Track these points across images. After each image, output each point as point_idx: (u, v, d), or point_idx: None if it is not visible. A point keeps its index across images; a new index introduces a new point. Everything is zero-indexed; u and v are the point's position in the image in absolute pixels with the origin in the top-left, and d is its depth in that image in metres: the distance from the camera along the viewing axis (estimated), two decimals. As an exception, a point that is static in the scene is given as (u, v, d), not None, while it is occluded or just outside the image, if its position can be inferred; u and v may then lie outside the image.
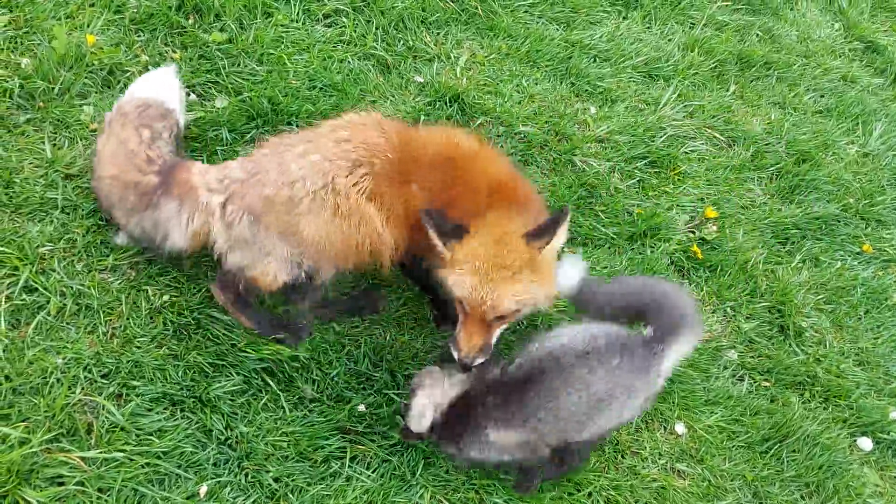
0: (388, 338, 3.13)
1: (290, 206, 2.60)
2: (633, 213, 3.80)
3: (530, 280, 2.54)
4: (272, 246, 2.66)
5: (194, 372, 2.78)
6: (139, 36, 3.54)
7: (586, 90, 4.25)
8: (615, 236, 3.69)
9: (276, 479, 2.66)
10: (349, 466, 2.76)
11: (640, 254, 3.69)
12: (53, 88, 3.23)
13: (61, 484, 2.43)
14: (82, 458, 2.49)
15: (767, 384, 3.52)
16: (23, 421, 2.52)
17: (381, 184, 2.65)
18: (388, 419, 2.88)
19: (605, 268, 3.57)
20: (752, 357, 3.59)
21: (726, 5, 5.25)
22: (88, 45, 3.34)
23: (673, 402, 3.30)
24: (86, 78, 3.32)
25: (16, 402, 2.56)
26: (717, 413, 3.31)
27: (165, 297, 2.91)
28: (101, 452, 2.51)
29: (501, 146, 3.82)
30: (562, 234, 2.56)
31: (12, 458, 2.41)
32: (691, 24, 5.00)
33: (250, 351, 2.87)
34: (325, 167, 2.61)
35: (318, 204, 2.60)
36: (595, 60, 4.43)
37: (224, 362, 2.84)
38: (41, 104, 3.20)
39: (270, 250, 2.67)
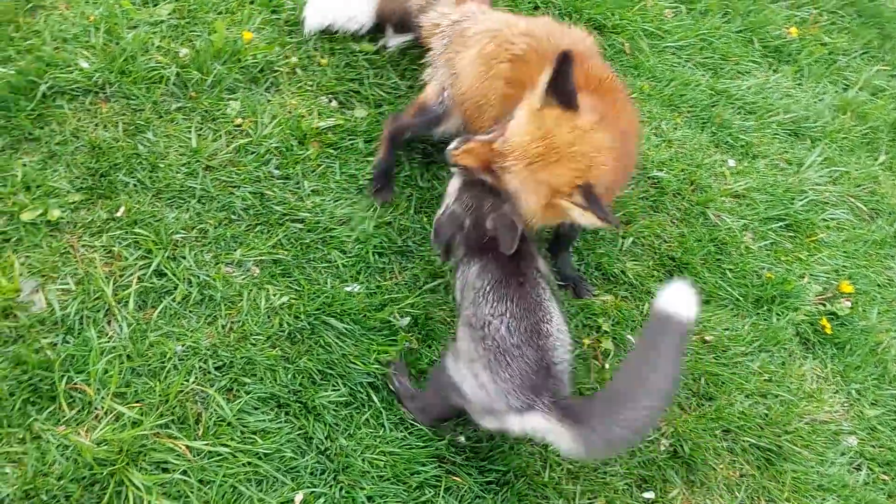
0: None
1: (463, 41, 3.10)
2: (762, 277, 3.63)
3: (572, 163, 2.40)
4: (440, 69, 3.21)
5: (303, 377, 2.79)
6: (291, 37, 3.62)
7: (727, 142, 4.09)
8: (741, 298, 3.53)
9: (369, 498, 2.63)
10: (442, 497, 2.71)
11: (764, 320, 3.51)
12: (206, 80, 3.34)
13: (166, 470, 2.48)
14: (188, 448, 2.53)
15: (886, 478, 3.28)
16: (137, 402, 2.59)
17: (516, 79, 2.85)
18: (488, 454, 2.82)
19: (727, 329, 3.41)
20: (873, 446, 3.36)
21: (885, 69, 4.98)
22: (244, 41, 3.44)
23: (783, 483, 3.11)
24: (237, 73, 3.41)
25: (132, 383, 2.63)
26: (829, 500, 3.10)
27: (284, 299, 2.94)
28: (206, 444, 2.54)
29: (632, 189, 3.72)
30: (588, 217, 2.41)
31: (123, 437, 2.47)
32: (845, 85, 4.76)
33: (359, 363, 2.86)
34: (504, 38, 2.95)
35: (476, 41, 3.03)
36: (740, 112, 4.27)
37: (332, 371, 2.84)
38: (193, 94, 3.31)
39: (438, 69, 3.22)
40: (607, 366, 3.15)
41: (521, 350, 2.35)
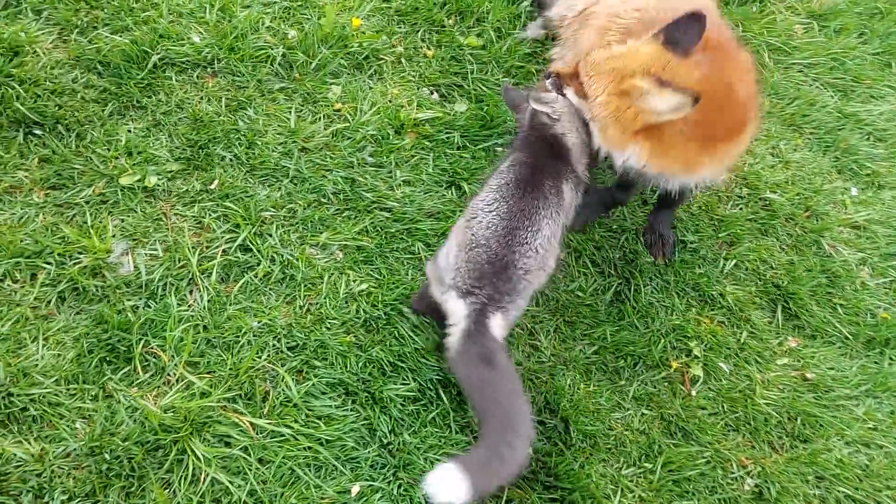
0: (568, 383, 2.92)
1: (586, 22, 3.17)
2: (877, 316, 3.34)
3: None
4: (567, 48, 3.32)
5: (374, 367, 2.74)
6: (400, 27, 3.60)
7: (851, 168, 3.80)
8: (850, 337, 3.25)
9: (426, 499, 2.55)
10: (503, 508, 2.60)
11: (875, 363, 3.22)
12: (311, 63, 3.35)
13: (228, 444, 2.46)
14: (252, 425, 2.51)
15: None
16: (208, 373, 2.60)
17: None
18: (555, 469, 2.69)
19: (832, 369, 3.15)
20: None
21: None
22: (353, 27, 3.43)
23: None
24: (342, 59, 3.41)
25: (206, 353, 2.64)
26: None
27: (364, 286, 2.89)
28: (270, 423, 2.52)
29: (740, 209, 3.51)
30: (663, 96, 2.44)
31: (191, 406, 2.47)
32: None
33: (431, 359, 2.79)
34: (615, 13, 3.01)
35: (595, 18, 3.10)
36: (868, 138, 3.96)
37: (403, 365, 2.77)
38: (297, 76, 3.33)
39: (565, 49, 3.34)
40: (694, 393, 2.96)
41: (488, 242, 2.46)
